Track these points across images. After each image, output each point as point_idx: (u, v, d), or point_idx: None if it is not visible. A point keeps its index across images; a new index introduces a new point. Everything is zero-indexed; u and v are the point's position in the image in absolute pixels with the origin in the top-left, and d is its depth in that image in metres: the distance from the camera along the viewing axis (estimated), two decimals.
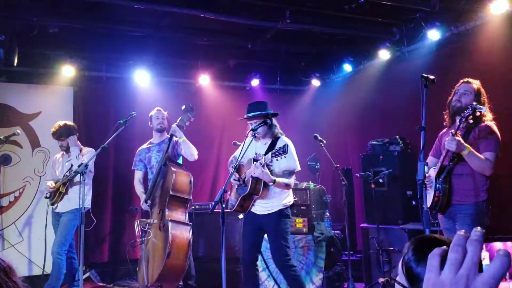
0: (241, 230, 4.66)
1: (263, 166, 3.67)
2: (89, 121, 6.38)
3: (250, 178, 3.82)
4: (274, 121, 4.05)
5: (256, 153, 3.99)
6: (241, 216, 4.76)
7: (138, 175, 4.89)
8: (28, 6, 4.96)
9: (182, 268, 4.36)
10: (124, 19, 5.44)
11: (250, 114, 3.98)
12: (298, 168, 3.97)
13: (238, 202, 3.93)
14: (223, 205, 3.18)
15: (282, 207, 3.92)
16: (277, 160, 3.63)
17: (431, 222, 4.65)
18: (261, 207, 3.96)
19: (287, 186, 3.91)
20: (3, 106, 5.97)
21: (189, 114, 4.69)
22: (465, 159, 3.19)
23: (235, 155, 4.20)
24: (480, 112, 3.00)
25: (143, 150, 4.95)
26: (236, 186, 4.07)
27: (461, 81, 3.51)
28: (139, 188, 4.84)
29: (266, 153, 3.79)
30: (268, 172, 3.75)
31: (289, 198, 4.02)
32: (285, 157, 3.59)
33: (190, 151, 4.63)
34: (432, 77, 2.97)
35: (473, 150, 3.16)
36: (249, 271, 4.10)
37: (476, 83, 3.45)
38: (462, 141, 3.12)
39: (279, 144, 3.78)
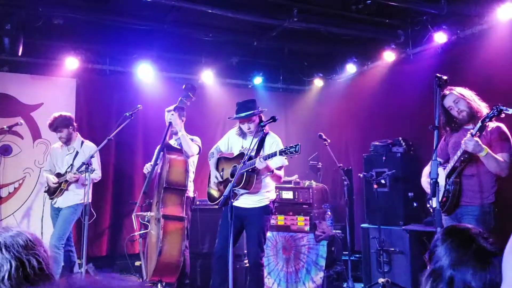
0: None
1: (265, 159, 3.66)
2: (91, 114, 6.36)
3: (245, 173, 3.78)
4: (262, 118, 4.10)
5: (242, 147, 4.10)
6: None
7: None
8: None
9: (176, 263, 4.29)
10: (129, 12, 5.41)
11: (248, 113, 3.95)
12: (286, 163, 4.04)
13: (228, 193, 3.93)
14: (232, 200, 3.17)
15: (268, 202, 4.00)
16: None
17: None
18: (248, 201, 3.98)
19: (280, 178, 3.99)
20: (5, 96, 5.93)
21: (190, 93, 4.47)
22: (482, 161, 3.16)
23: (217, 147, 4.36)
24: (506, 113, 2.88)
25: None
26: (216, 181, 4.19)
27: (443, 95, 3.40)
28: None
29: (258, 148, 3.88)
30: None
31: (273, 193, 4.14)
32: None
33: (186, 148, 4.50)
34: (445, 77, 2.97)
35: (490, 151, 3.13)
36: (221, 264, 3.87)
37: (454, 89, 3.39)
38: (480, 142, 3.07)
39: (270, 141, 3.96)
